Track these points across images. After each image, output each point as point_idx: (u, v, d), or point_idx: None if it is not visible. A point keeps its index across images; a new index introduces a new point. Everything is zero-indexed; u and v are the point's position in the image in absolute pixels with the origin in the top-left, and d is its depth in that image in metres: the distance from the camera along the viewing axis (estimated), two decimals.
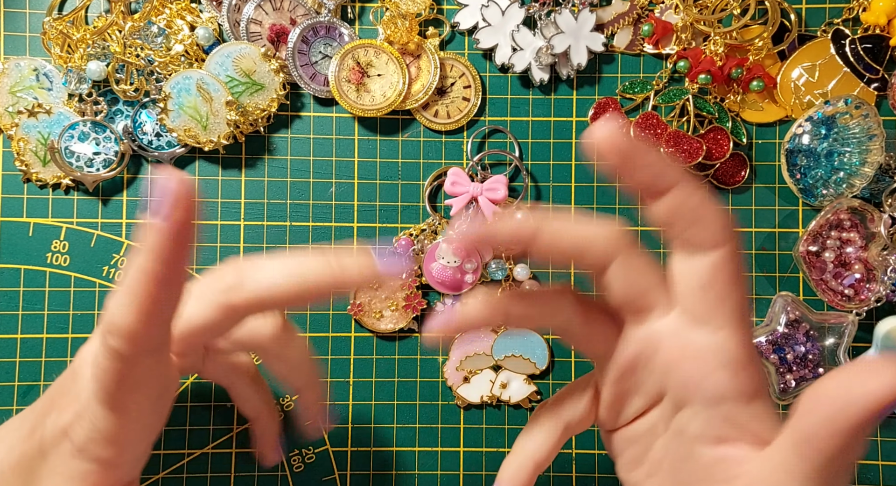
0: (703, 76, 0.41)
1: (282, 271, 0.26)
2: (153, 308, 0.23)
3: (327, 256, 0.27)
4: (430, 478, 0.42)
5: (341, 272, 0.26)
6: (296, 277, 0.26)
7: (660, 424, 0.27)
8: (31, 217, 0.41)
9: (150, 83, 0.41)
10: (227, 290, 0.26)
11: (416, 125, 0.42)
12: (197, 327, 0.27)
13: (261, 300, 0.26)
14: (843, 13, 0.42)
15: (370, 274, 0.26)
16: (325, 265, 0.26)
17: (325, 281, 0.26)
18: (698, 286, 0.24)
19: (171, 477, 0.41)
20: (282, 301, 0.26)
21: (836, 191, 0.40)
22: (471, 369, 0.42)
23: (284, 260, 0.26)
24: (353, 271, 0.26)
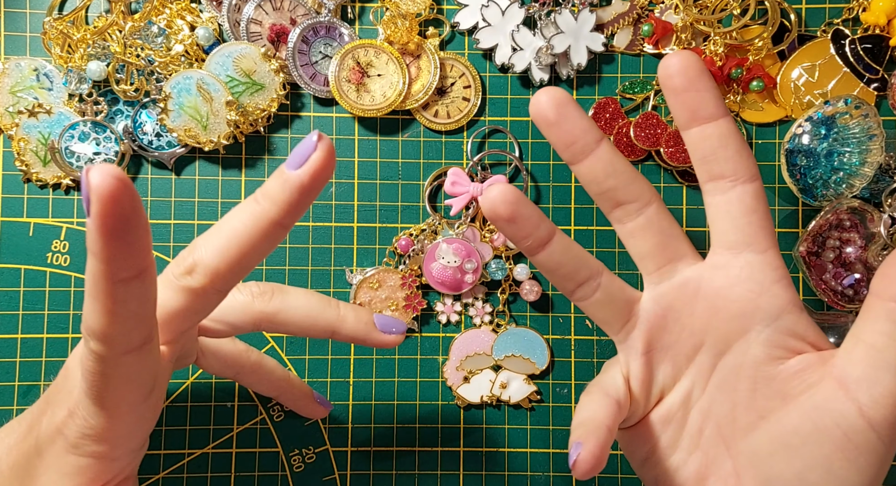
0: None
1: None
2: (117, 308, 0.22)
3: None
4: (430, 478, 0.42)
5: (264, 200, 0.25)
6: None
7: (695, 387, 0.28)
8: (31, 217, 0.41)
9: (150, 83, 0.41)
10: (186, 273, 0.26)
11: (416, 125, 0.42)
12: (171, 313, 0.26)
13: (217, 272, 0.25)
14: (843, 13, 0.42)
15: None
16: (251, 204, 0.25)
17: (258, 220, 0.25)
18: (743, 213, 0.27)
19: (171, 477, 0.41)
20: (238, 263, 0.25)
21: (836, 191, 0.40)
22: (471, 369, 0.42)
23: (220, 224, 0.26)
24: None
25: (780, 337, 0.27)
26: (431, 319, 0.42)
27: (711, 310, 0.27)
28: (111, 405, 0.26)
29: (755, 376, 0.27)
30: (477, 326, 0.42)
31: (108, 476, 0.28)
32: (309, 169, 0.24)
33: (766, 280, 0.27)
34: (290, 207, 0.24)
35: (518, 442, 0.42)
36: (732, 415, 0.27)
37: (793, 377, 0.26)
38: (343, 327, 0.30)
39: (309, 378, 0.41)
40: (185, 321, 0.27)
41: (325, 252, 0.42)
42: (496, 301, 0.42)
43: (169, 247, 0.41)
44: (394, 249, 0.42)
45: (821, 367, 0.26)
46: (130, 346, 0.24)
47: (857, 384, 0.24)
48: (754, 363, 0.27)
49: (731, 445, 0.27)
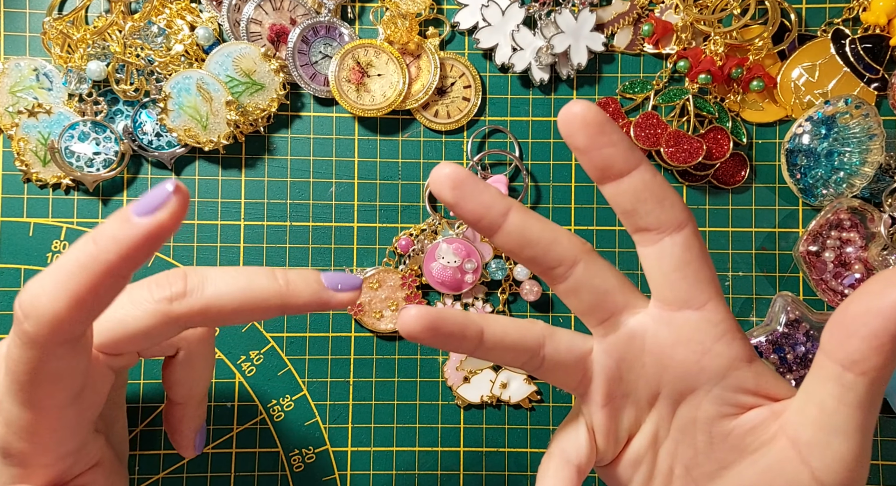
0: (703, 76, 0.41)
1: (228, 283, 0.25)
2: (90, 298, 0.22)
3: (275, 272, 0.26)
4: (430, 478, 0.42)
5: (287, 288, 0.26)
6: (242, 290, 0.25)
7: (660, 429, 0.27)
8: (31, 217, 0.41)
9: (150, 83, 0.41)
10: (170, 299, 0.25)
11: (416, 125, 0.42)
12: (133, 333, 0.26)
13: (204, 312, 0.25)
14: (843, 13, 0.42)
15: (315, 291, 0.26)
16: (272, 280, 0.26)
17: (272, 296, 0.25)
18: (674, 268, 0.25)
19: (171, 477, 0.41)
20: (225, 314, 0.25)
21: (836, 191, 0.40)
22: (471, 369, 0.42)
23: (231, 272, 0.26)
24: (299, 287, 0.26)
25: (729, 395, 0.26)
26: None
27: (659, 366, 0.26)
28: (36, 405, 0.24)
29: (710, 430, 0.26)
30: None
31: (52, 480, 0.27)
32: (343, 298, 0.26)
33: (707, 339, 0.25)
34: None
35: (518, 442, 0.42)
36: (696, 461, 0.27)
37: (748, 434, 0.26)
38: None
39: (309, 378, 0.41)
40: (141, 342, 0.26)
41: (325, 252, 0.42)
42: (496, 301, 0.42)
43: (169, 247, 0.41)
44: (394, 249, 0.42)
45: (774, 422, 0.25)
46: (69, 336, 0.23)
47: (809, 449, 0.24)
48: (707, 419, 0.26)
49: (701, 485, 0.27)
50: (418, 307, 0.25)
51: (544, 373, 0.27)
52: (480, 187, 0.25)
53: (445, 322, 0.25)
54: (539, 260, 0.25)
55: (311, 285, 0.26)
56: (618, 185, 0.25)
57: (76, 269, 0.21)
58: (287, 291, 0.25)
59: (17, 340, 0.23)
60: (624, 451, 0.28)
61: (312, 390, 0.42)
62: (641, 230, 0.25)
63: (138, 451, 0.41)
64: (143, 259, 0.22)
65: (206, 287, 0.25)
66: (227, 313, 0.25)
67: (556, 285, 0.26)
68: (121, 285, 0.22)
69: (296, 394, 0.41)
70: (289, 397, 0.42)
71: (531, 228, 0.25)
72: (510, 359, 0.26)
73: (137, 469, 0.41)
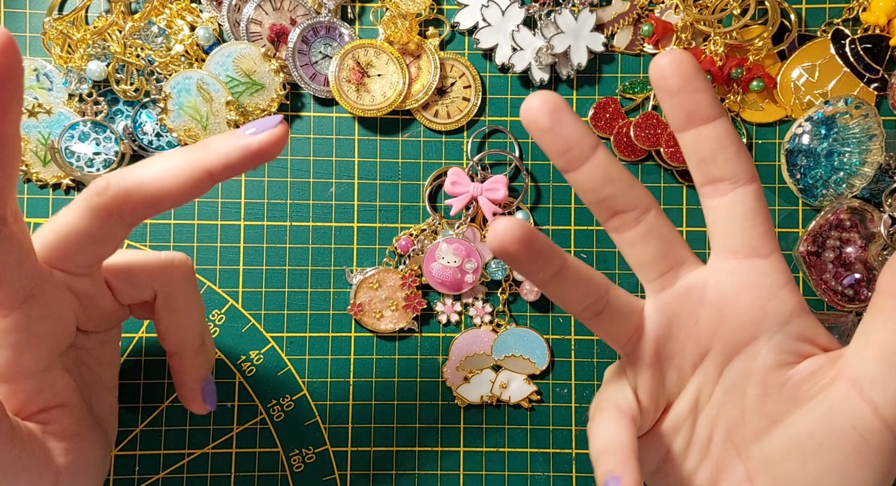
0: None
1: (148, 166, 0.25)
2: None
3: (195, 143, 0.26)
4: (430, 478, 0.42)
5: (205, 150, 0.25)
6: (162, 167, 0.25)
7: (702, 394, 0.27)
8: (31, 217, 0.41)
9: (150, 83, 0.41)
10: (95, 193, 0.25)
11: (416, 125, 0.42)
12: (69, 235, 0.26)
13: (128, 195, 0.25)
14: (843, 13, 0.42)
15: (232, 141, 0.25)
16: (190, 149, 0.25)
17: (193, 165, 0.25)
18: (745, 217, 0.26)
19: (171, 477, 0.41)
20: (153, 195, 0.25)
21: (836, 191, 0.40)
22: (471, 369, 0.42)
23: (153, 158, 0.26)
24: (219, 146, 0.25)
25: (789, 342, 0.26)
26: (431, 319, 0.42)
27: (718, 317, 0.27)
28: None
29: (765, 381, 0.26)
30: (477, 326, 0.42)
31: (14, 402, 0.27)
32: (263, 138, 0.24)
33: (773, 286, 0.26)
34: (229, 162, 0.24)
35: (518, 442, 0.42)
36: (742, 420, 0.27)
37: (804, 381, 0.26)
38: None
39: (309, 378, 0.41)
40: (78, 245, 0.26)
41: (325, 252, 0.42)
42: (496, 301, 0.42)
43: (169, 247, 0.41)
44: (394, 249, 0.42)
45: (831, 368, 0.26)
46: None
47: (871, 385, 0.24)
48: (764, 369, 0.26)
49: (743, 450, 0.27)
50: (508, 219, 0.24)
51: (602, 320, 0.27)
52: (576, 117, 0.25)
53: (538, 237, 0.25)
54: (616, 201, 0.26)
55: (228, 137, 0.25)
56: (700, 131, 0.25)
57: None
58: (207, 154, 0.25)
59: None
60: (662, 419, 0.28)
61: (312, 390, 0.42)
62: (715, 181, 0.26)
63: (138, 451, 0.41)
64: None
65: (126, 175, 0.25)
66: (153, 193, 0.25)
67: (624, 231, 0.27)
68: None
69: (296, 394, 0.42)
70: (289, 397, 0.42)
71: (615, 165, 0.26)
72: (580, 295, 0.26)
73: (137, 469, 0.41)
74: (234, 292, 0.41)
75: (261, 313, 0.42)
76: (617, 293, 0.27)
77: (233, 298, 0.41)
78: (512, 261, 0.25)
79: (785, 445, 0.26)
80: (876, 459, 0.24)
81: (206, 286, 0.41)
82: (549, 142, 0.25)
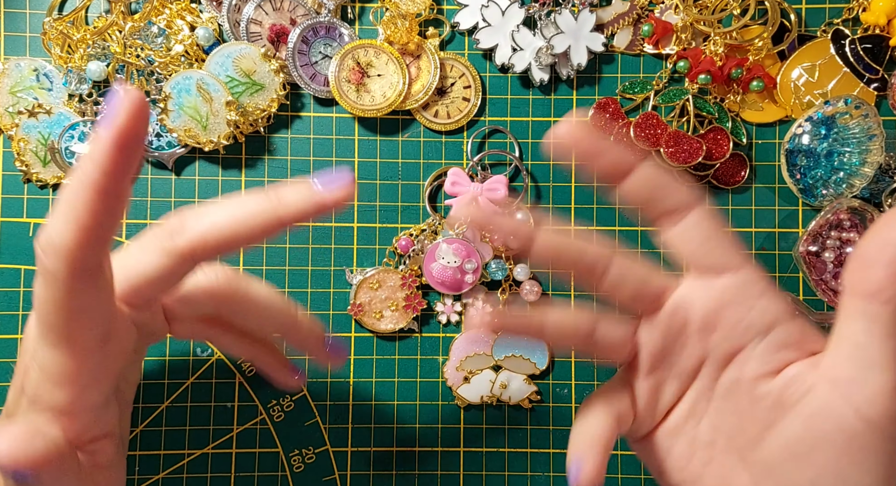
0: (703, 76, 0.41)
1: (222, 211, 0.26)
2: (91, 222, 0.23)
3: (266, 191, 0.26)
4: (430, 478, 0.42)
5: (279, 201, 0.26)
6: (236, 214, 0.26)
7: (700, 400, 0.28)
8: (31, 217, 0.41)
9: (150, 83, 0.41)
10: (170, 235, 0.26)
11: (416, 125, 0.42)
12: (144, 276, 0.26)
13: (204, 241, 0.26)
14: (843, 13, 0.42)
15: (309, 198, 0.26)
16: (264, 199, 0.26)
17: (266, 214, 0.26)
18: (705, 237, 0.27)
19: (171, 477, 0.41)
20: (226, 240, 0.26)
21: (836, 191, 0.40)
22: (471, 369, 0.42)
23: (225, 201, 0.26)
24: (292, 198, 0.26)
25: (773, 350, 0.27)
26: (431, 319, 0.42)
27: (705, 331, 0.27)
28: (65, 341, 0.25)
29: (753, 388, 0.27)
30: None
31: (72, 434, 0.27)
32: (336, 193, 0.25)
33: (750, 297, 0.27)
34: (302, 215, 0.25)
35: (518, 442, 0.42)
36: (741, 426, 0.27)
37: (788, 385, 0.26)
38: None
39: (309, 378, 0.41)
40: (152, 286, 0.27)
41: (325, 252, 0.42)
42: (496, 301, 0.42)
43: None
44: (394, 249, 0.42)
45: (813, 370, 0.26)
46: (87, 266, 0.24)
47: (849, 385, 0.24)
48: (752, 377, 0.27)
49: (745, 456, 0.27)
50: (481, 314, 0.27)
51: (595, 352, 0.28)
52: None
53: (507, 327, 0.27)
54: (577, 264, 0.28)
55: (302, 191, 0.26)
56: (629, 182, 0.27)
57: (73, 198, 0.23)
58: (279, 205, 0.26)
59: (42, 279, 0.24)
60: (661, 423, 0.29)
61: (312, 390, 0.42)
62: (664, 215, 0.27)
63: (138, 451, 0.41)
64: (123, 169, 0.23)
65: (201, 219, 0.26)
66: (227, 239, 0.26)
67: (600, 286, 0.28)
68: (116, 205, 0.23)
69: (296, 394, 0.41)
70: (289, 397, 0.42)
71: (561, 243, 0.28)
72: (566, 345, 0.28)
73: (137, 469, 0.41)
74: None
75: None
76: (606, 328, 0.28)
77: None
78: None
79: (779, 451, 0.26)
80: (867, 459, 0.24)
81: None
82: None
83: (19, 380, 0.28)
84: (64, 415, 0.27)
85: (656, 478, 0.30)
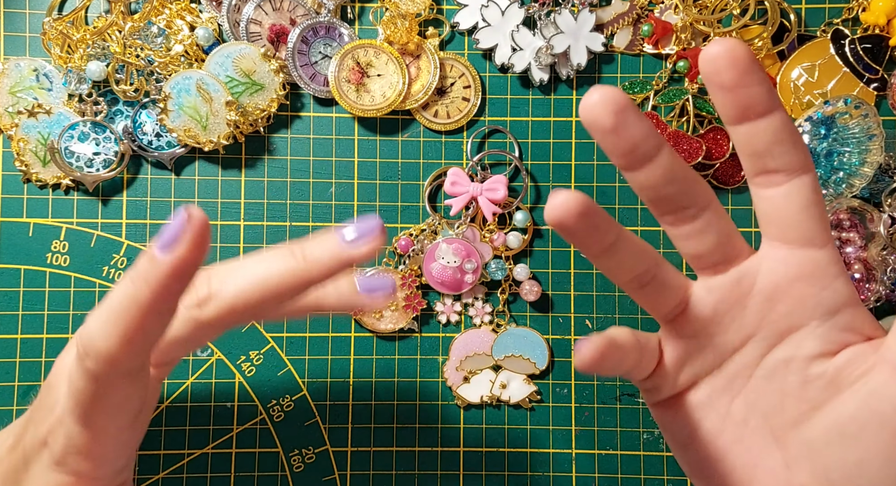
0: None
1: (249, 275, 0.25)
2: (137, 337, 0.22)
3: (291, 248, 0.25)
4: (430, 478, 0.42)
5: (305, 262, 0.25)
6: (264, 279, 0.25)
7: (737, 378, 0.27)
8: (31, 217, 0.41)
9: (150, 83, 0.41)
10: (198, 305, 0.25)
11: (415, 125, 0.42)
12: (172, 342, 0.27)
13: (233, 310, 0.25)
14: (843, 13, 0.42)
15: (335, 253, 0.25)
16: (290, 259, 0.25)
17: (294, 276, 0.25)
18: (803, 207, 0.25)
19: (171, 477, 0.41)
20: (254, 307, 0.25)
21: (836, 191, 0.40)
22: (471, 369, 0.42)
23: (250, 264, 0.26)
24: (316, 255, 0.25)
25: (836, 333, 0.26)
26: (431, 319, 0.42)
27: (767, 305, 0.26)
28: (96, 428, 0.25)
29: (807, 368, 0.26)
30: (477, 326, 0.42)
31: None
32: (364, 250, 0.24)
33: (827, 276, 0.26)
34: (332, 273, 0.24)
35: (518, 442, 0.42)
36: (782, 406, 0.27)
37: (845, 366, 0.26)
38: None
39: (309, 378, 0.41)
40: (181, 350, 0.27)
41: None
42: (496, 301, 0.42)
43: None
44: (394, 249, 0.42)
45: (872, 354, 0.26)
46: (129, 370, 0.24)
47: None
48: (807, 357, 0.26)
49: (781, 436, 0.27)
50: (566, 193, 0.23)
51: (646, 292, 0.27)
52: (641, 115, 0.24)
53: (596, 211, 0.24)
54: (675, 199, 0.25)
55: (330, 247, 0.25)
56: (756, 124, 0.24)
57: (121, 310, 0.22)
58: (307, 265, 0.25)
59: (81, 374, 0.24)
60: (690, 392, 0.28)
61: (312, 390, 0.42)
62: (770, 172, 0.25)
63: (138, 451, 0.41)
64: (177, 293, 0.22)
65: (227, 287, 0.25)
66: (255, 305, 0.25)
67: (682, 225, 0.26)
68: (166, 319, 0.23)
69: (296, 394, 0.42)
70: (289, 397, 0.42)
71: (679, 164, 0.25)
72: (629, 266, 0.26)
73: (137, 470, 0.41)
74: None
75: None
76: (666, 269, 0.27)
77: None
78: (568, 235, 0.24)
79: (826, 431, 0.26)
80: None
81: None
82: (611, 143, 0.24)
83: (42, 431, 0.27)
84: (88, 480, 0.27)
85: (677, 453, 0.29)
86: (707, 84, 0.24)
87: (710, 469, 0.28)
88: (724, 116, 0.25)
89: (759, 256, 0.27)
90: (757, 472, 0.27)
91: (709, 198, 0.26)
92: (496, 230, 0.42)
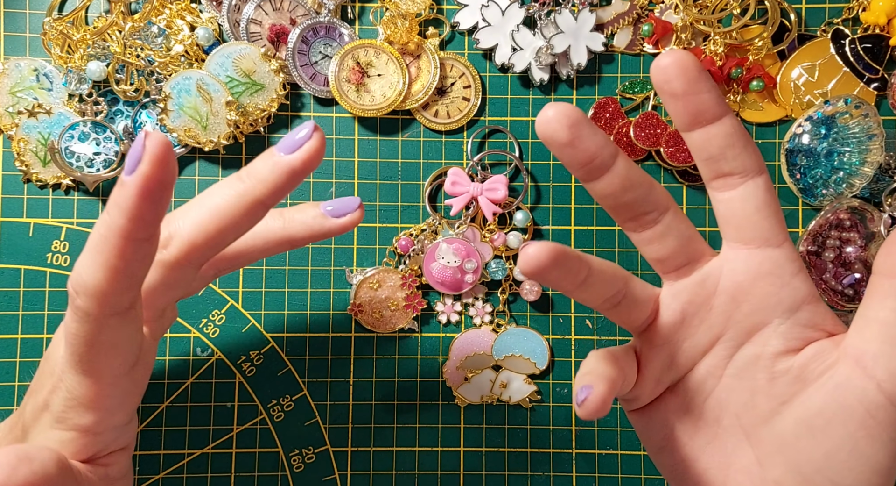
0: None
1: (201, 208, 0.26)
2: (121, 266, 0.23)
3: (237, 173, 0.26)
4: (430, 478, 0.42)
5: (250, 179, 0.25)
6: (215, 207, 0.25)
7: (709, 378, 0.28)
8: (31, 217, 0.41)
9: (150, 83, 0.41)
10: (163, 247, 0.26)
11: (416, 125, 0.42)
12: (150, 291, 0.27)
13: (193, 245, 0.26)
14: (843, 13, 0.42)
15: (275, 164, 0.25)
16: (236, 182, 0.25)
17: (243, 197, 0.25)
18: (757, 208, 0.26)
19: (171, 477, 0.41)
20: (215, 237, 0.26)
21: (836, 191, 0.40)
22: (471, 369, 0.42)
23: (201, 197, 0.26)
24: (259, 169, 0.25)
25: (799, 329, 0.27)
26: (431, 319, 0.42)
27: (732, 305, 0.27)
28: (94, 373, 0.26)
29: (774, 365, 0.27)
30: (477, 326, 0.42)
31: (93, 451, 0.28)
32: (301, 155, 0.25)
33: (786, 274, 0.27)
34: (276, 188, 0.25)
35: (518, 442, 0.42)
36: (752, 403, 0.28)
37: (810, 362, 0.27)
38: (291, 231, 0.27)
39: (309, 378, 0.41)
40: (161, 297, 0.27)
41: (325, 252, 0.42)
42: (496, 301, 0.42)
43: None
44: (394, 249, 0.42)
45: (835, 349, 0.26)
46: (119, 307, 0.24)
47: (874, 361, 0.25)
48: (773, 354, 0.27)
49: (752, 434, 0.28)
50: (537, 244, 0.25)
51: (619, 310, 0.28)
52: (595, 127, 0.25)
53: (567, 256, 0.25)
54: (635, 205, 0.26)
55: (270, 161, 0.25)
56: (707, 130, 0.26)
57: (101, 241, 0.23)
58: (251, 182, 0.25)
59: (74, 315, 0.24)
60: (666, 397, 0.29)
61: (312, 390, 0.42)
62: (724, 175, 0.26)
63: (138, 451, 0.41)
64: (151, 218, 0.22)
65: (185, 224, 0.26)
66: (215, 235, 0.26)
67: (644, 230, 0.27)
68: (147, 250, 0.23)
69: (296, 394, 0.42)
70: (289, 397, 0.42)
71: (635, 171, 0.26)
72: (604, 290, 0.27)
73: (137, 469, 0.41)
74: (234, 292, 0.41)
75: (261, 313, 0.42)
76: (634, 284, 0.28)
77: (233, 298, 0.41)
78: (543, 281, 0.26)
79: (795, 425, 0.26)
80: (883, 433, 0.25)
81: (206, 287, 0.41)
82: (569, 155, 0.25)
83: (42, 396, 0.28)
84: (88, 435, 0.27)
85: (653, 456, 0.30)
86: (660, 93, 0.26)
87: (686, 472, 0.29)
88: (678, 123, 0.26)
89: (721, 257, 0.28)
90: (730, 471, 0.28)
91: (667, 202, 0.27)
92: (496, 230, 0.42)
